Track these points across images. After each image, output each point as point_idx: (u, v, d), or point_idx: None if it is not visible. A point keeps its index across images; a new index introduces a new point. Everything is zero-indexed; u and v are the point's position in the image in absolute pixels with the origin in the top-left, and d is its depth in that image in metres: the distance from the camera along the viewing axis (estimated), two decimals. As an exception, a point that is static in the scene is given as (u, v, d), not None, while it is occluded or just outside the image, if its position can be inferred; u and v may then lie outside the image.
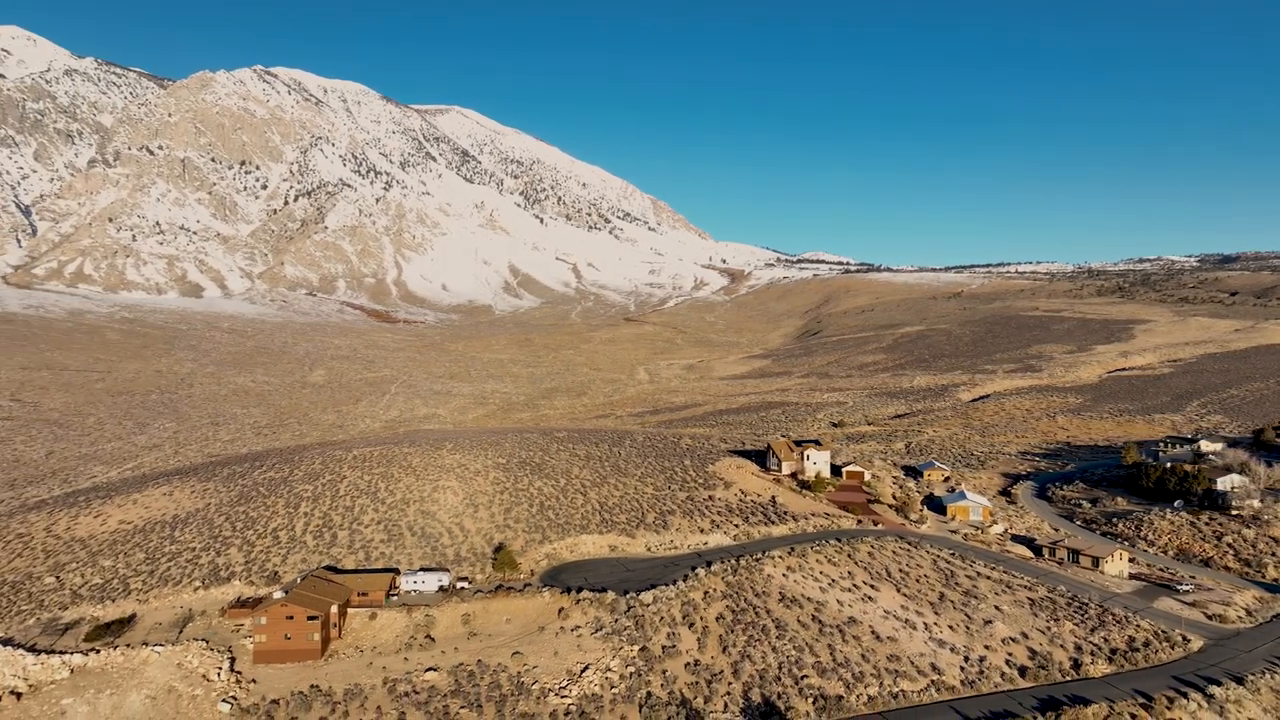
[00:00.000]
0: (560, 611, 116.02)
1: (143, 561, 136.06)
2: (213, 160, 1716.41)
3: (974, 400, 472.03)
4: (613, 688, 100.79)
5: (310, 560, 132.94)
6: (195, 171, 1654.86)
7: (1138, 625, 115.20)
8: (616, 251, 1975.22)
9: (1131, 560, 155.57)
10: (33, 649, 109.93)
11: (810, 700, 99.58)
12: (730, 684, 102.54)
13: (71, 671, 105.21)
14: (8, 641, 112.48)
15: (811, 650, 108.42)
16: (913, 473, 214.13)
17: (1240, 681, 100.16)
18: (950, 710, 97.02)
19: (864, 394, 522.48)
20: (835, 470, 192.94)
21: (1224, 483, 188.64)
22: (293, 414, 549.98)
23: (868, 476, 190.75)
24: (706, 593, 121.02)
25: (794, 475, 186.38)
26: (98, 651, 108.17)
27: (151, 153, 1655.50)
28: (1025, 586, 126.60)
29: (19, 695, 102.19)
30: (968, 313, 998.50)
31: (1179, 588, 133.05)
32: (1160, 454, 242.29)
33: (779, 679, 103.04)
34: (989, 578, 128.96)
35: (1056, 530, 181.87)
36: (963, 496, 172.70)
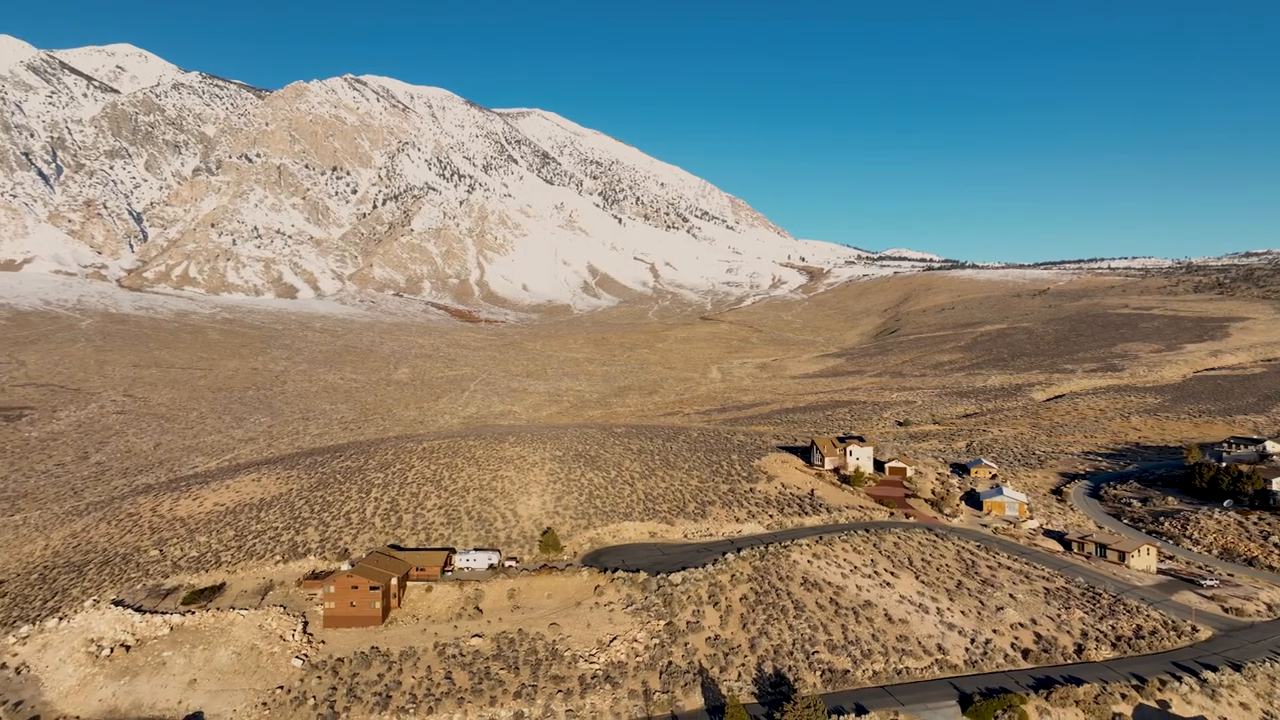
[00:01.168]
0: (596, 589, 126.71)
1: (232, 538, 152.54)
2: (306, 166, 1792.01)
3: (1048, 400, 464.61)
4: (637, 656, 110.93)
5: (377, 539, 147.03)
6: (290, 177, 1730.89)
7: (1147, 615, 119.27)
8: (694, 250, 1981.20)
9: (1169, 558, 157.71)
10: (139, 610, 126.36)
11: (819, 673, 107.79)
12: (746, 657, 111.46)
13: (171, 629, 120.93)
14: (119, 603, 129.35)
15: (825, 629, 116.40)
16: (960, 470, 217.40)
17: (1238, 668, 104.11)
18: (949, 685, 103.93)
19: (935, 393, 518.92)
20: (879, 466, 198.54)
21: (1278, 483, 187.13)
22: (377, 410, 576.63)
23: (910, 472, 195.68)
24: (733, 575, 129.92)
25: (836, 470, 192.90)
26: (193, 613, 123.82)
27: (250, 160, 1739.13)
28: (1044, 577, 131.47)
29: (128, 648, 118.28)
30: (1052, 310, 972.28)
31: (1203, 583, 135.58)
32: (1224, 455, 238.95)
33: (791, 654, 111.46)
34: (1009, 568, 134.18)
35: (1101, 528, 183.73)
36: (999, 492, 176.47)
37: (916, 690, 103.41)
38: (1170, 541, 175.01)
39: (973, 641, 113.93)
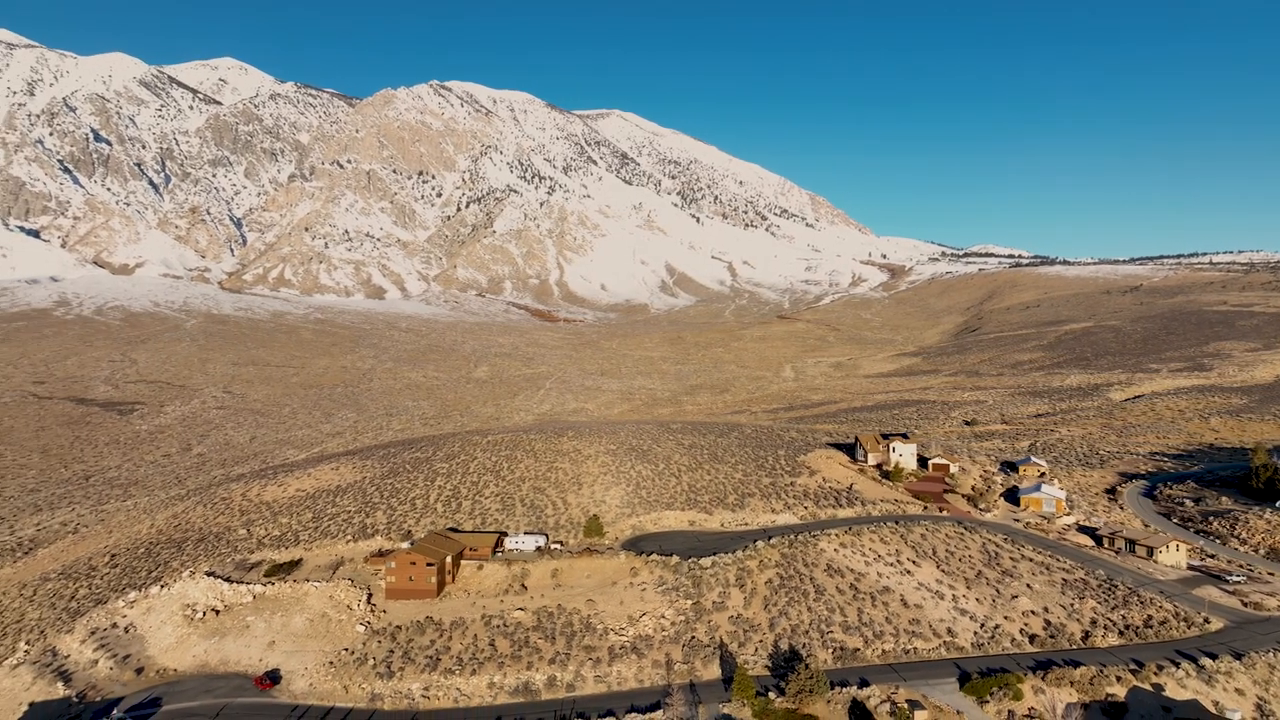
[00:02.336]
0: (632, 570, 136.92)
1: (310, 520, 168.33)
2: (394, 171, 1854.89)
3: (1126, 400, 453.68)
4: (663, 631, 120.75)
5: (438, 523, 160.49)
6: (379, 182, 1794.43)
7: (1160, 606, 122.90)
8: (772, 249, 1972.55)
9: (1210, 556, 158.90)
10: (228, 580, 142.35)
11: (831, 651, 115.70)
12: (764, 634, 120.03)
13: (254, 598, 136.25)
14: (211, 574, 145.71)
15: (842, 612, 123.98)
16: (1009, 468, 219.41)
17: (1239, 657, 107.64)
18: (952, 665, 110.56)
19: (1008, 393, 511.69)
20: (922, 463, 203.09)
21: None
22: (457, 406, 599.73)
23: (954, 469, 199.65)
24: (761, 561, 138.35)
25: (879, 466, 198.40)
26: (273, 584, 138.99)
27: (341, 166, 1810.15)
28: (1064, 569, 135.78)
29: (218, 612, 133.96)
30: (1143, 308, 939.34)
31: (1228, 578, 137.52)
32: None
33: (808, 633, 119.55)
34: (1031, 560, 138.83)
35: (1146, 526, 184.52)
36: (1037, 489, 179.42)
37: (921, 668, 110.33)
38: (1217, 541, 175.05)
39: (982, 626, 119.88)
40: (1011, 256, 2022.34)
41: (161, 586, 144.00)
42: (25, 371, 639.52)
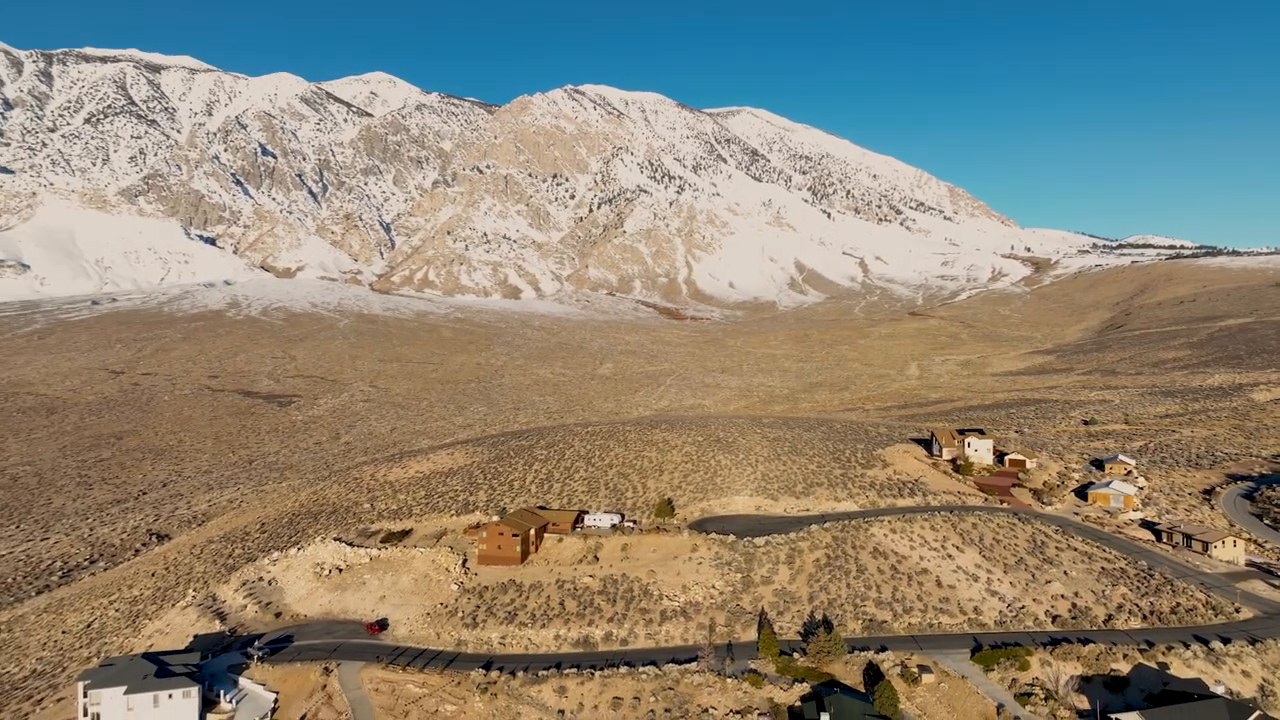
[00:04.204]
0: (693, 547, 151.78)
1: (423, 497, 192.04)
2: (529, 175, 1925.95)
3: (1271, 401, 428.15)
4: (711, 599, 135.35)
5: (529, 501, 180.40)
6: (515, 186, 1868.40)
7: (1192, 595, 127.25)
8: (907, 243, 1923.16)
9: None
10: (350, 544, 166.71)
11: (861, 622, 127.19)
12: (803, 606, 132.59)
13: (370, 559, 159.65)
14: (338, 539, 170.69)
15: (878, 589, 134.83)
16: (1098, 465, 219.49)
17: (1254, 642, 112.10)
18: (970, 638, 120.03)
19: (1138, 392, 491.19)
20: (1000, 458, 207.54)
21: None
22: (579, 401, 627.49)
23: (1030, 465, 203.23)
24: (813, 543, 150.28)
25: (953, 461, 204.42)
26: (386, 549, 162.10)
27: (481, 172, 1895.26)
28: (1106, 559, 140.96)
29: (341, 570, 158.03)
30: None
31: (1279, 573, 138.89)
32: None
33: (843, 606, 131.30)
34: (1075, 550, 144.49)
35: (1231, 525, 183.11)
36: (1106, 485, 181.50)
37: (940, 640, 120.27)
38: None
39: (1009, 606, 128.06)
40: (1171, 248, 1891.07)
41: (298, 549, 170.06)
42: (202, 367, 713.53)
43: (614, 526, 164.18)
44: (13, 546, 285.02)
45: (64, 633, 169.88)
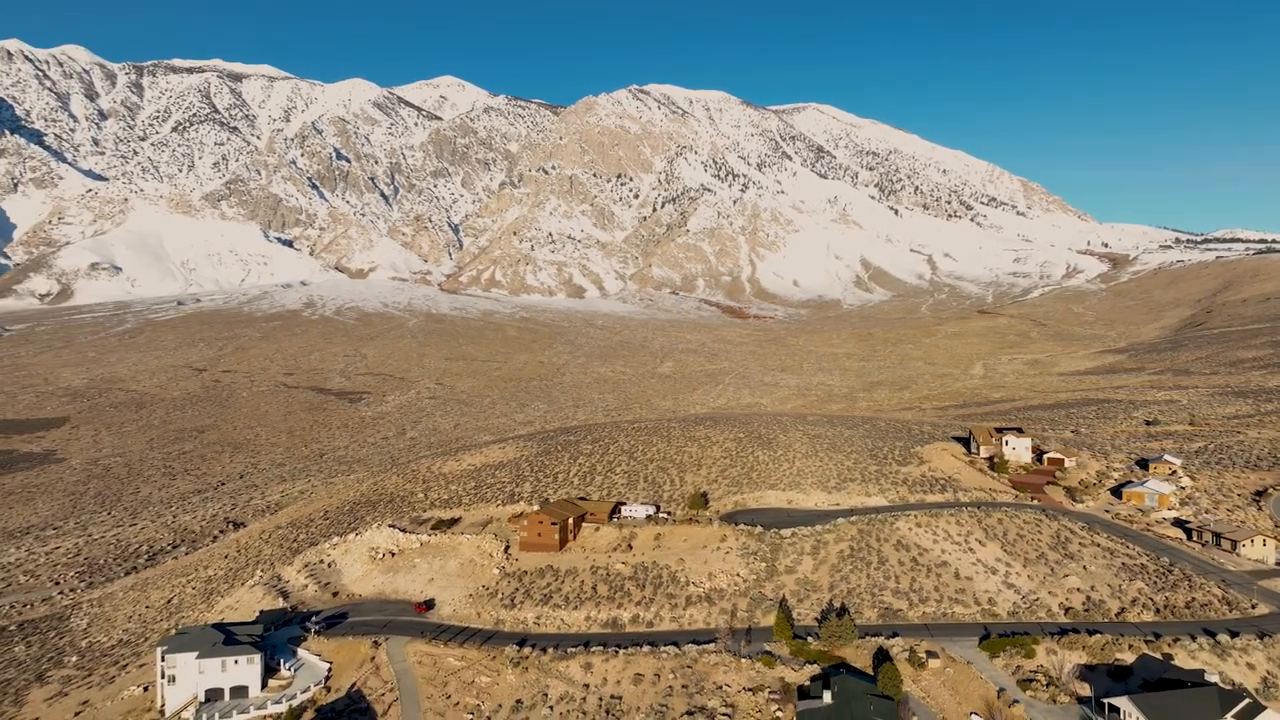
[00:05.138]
0: (722, 537, 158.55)
1: (472, 487, 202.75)
2: (594, 175, 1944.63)
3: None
4: (735, 586, 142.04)
5: (570, 493, 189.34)
6: (580, 186, 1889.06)
7: (1209, 590, 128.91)
8: (977, 240, 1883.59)
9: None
10: (403, 530, 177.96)
11: (877, 610, 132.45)
12: (822, 594, 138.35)
13: (421, 545, 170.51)
14: (393, 526, 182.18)
15: (896, 579, 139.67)
16: (1144, 465, 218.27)
17: (1263, 636, 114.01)
18: (981, 627, 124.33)
19: (1209, 392, 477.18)
20: (1040, 456, 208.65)
21: None
22: (638, 399, 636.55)
23: (1069, 463, 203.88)
24: (838, 535, 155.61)
25: (990, 459, 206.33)
26: (436, 535, 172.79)
27: (546, 173, 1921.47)
28: (1128, 555, 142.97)
29: (393, 554, 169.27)
30: None
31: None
32: None
33: (861, 595, 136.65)
34: (1098, 546, 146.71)
35: (1277, 526, 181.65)
36: (1142, 484, 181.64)
37: (950, 628, 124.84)
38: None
39: (1023, 598, 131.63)
40: (1263, 242, 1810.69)
41: (356, 534, 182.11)
42: (279, 365, 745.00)
43: (649, 517, 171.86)
44: (105, 531, 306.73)
45: (147, 607, 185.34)
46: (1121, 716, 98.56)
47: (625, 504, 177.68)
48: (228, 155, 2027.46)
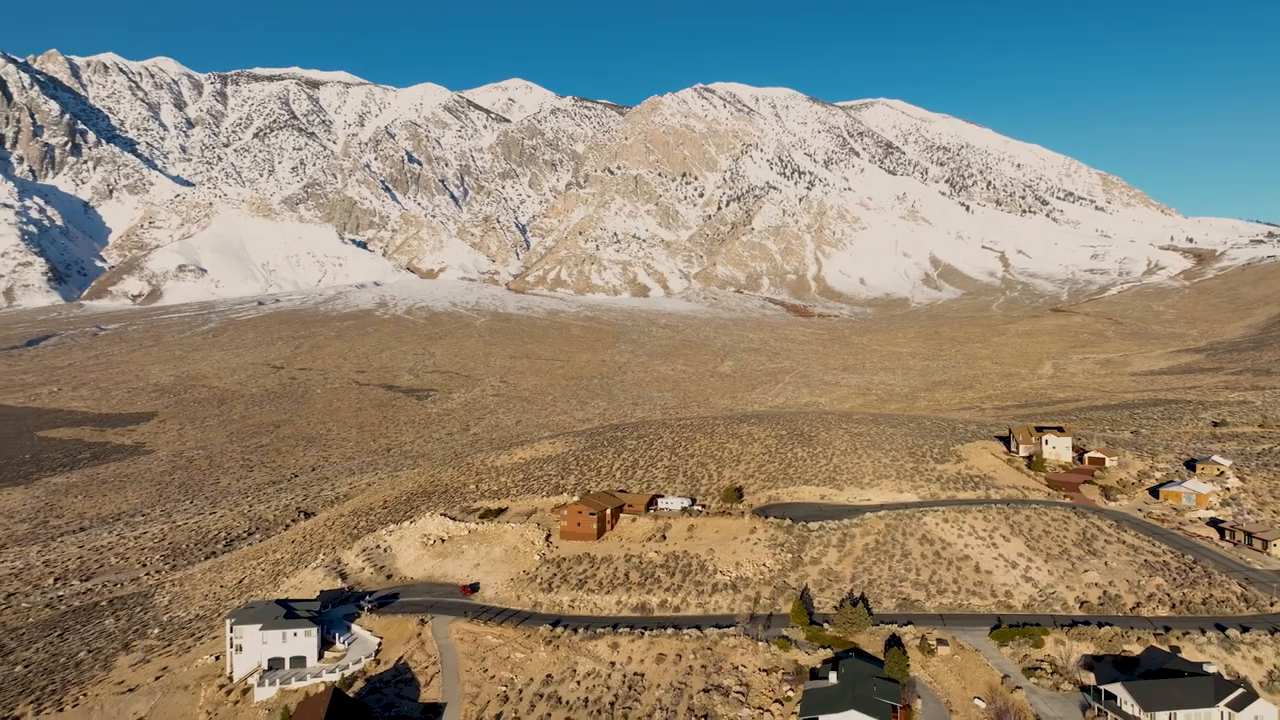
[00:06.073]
0: (752, 529, 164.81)
1: (520, 479, 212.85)
2: (659, 175, 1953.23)
3: None
4: (760, 575, 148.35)
5: (613, 486, 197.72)
6: (645, 186, 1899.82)
7: (1228, 588, 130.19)
8: (1052, 236, 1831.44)
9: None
10: (453, 519, 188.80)
11: (894, 600, 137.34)
12: (844, 585, 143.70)
13: (469, 532, 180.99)
14: (444, 514, 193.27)
15: (917, 572, 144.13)
16: (1190, 465, 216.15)
17: (1274, 632, 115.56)
18: (994, 618, 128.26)
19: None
20: (1080, 455, 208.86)
21: None
22: (696, 398, 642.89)
23: (1110, 462, 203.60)
24: (865, 529, 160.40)
25: (1029, 457, 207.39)
26: (483, 524, 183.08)
27: (611, 173, 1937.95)
28: (1153, 552, 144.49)
29: (443, 541, 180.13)
30: None
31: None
32: None
33: (881, 586, 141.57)
34: (1123, 543, 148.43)
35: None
36: (1180, 484, 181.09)
37: (964, 619, 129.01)
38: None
39: (1040, 592, 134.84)
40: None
41: (410, 522, 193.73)
42: (351, 363, 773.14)
43: (684, 509, 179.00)
44: (187, 519, 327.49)
45: (221, 587, 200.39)
46: (1118, 703, 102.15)
47: (662, 496, 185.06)
48: (305, 160, 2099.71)
